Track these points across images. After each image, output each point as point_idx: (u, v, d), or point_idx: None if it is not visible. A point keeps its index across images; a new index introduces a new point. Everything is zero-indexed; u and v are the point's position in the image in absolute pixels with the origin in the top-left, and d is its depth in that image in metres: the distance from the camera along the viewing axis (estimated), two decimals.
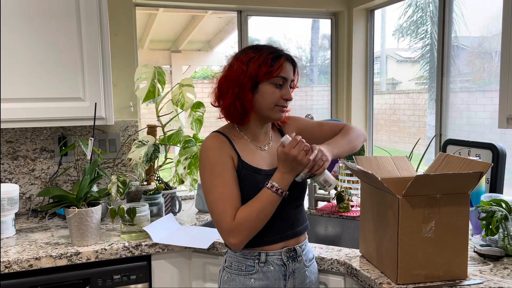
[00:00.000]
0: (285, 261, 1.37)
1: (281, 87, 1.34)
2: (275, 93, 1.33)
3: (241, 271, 1.36)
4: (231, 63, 1.38)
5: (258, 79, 1.32)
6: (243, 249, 1.36)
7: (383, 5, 2.78)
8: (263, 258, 1.35)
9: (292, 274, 1.38)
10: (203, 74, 6.17)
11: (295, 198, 1.40)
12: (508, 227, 1.47)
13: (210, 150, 1.34)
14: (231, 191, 1.29)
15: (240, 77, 1.32)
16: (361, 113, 2.95)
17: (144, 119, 2.66)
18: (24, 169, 2.17)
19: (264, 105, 1.34)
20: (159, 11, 3.75)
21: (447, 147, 2.10)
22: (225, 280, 1.39)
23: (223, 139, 1.36)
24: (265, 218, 1.29)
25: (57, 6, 1.86)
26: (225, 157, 1.32)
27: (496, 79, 2.14)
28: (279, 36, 3.17)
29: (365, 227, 1.50)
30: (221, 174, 1.30)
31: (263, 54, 1.33)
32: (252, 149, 1.39)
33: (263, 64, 1.31)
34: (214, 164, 1.32)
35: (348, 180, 2.22)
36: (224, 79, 1.36)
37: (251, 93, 1.33)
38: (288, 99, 1.36)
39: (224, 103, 1.36)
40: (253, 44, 1.41)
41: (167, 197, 2.05)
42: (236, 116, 1.36)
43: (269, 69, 1.31)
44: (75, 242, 1.68)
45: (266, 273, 1.35)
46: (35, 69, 1.85)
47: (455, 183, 1.25)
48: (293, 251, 1.39)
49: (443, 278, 1.29)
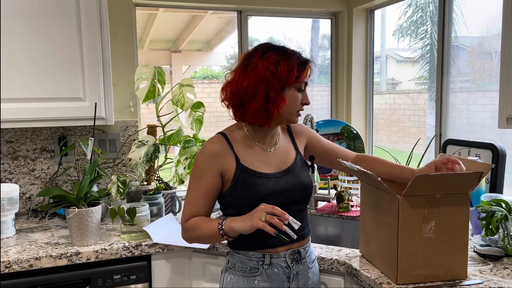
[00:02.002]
0: (289, 263, 1.37)
1: (302, 92, 1.36)
2: (298, 98, 1.35)
3: (245, 272, 1.36)
4: (253, 63, 1.30)
5: (288, 83, 1.29)
6: (248, 251, 1.36)
7: (383, 5, 2.78)
8: (267, 260, 1.35)
9: (296, 276, 1.38)
10: (203, 74, 6.17)
11: (300, 202, 1.40)
12: (508, 227, 1.47)
13: (203, 155, 1.35)
14: (197, 197, 1.34)
15: (269, 79, 1.27)
16: (361, 113, 2.95)
17: (144, 119, 2.66)
18: (24, 169, 2.17)
19: (289, 109, 1.34)
20: (159, 11, 3.75)
21: (447, 147, 2.10)
22: (228, 281, 1.38)
23: (223, 145, 1.35)
24: (206, 242, 1.39)
25: (57, 7, 1.86)
26: (212, 167, 1.33)
27: (496, 79, 2.14)
28: (279, 36, 3.17)
29: (365, 227, 1.50)
30: (199, 180, 1.34)
31: (290, 57, 1.30)
32: (257, 151, 1.38)
33: (293, 69, 1.29)
34: (198, 169, 1.35)
35: (348, 180, 2.22)
36: (251, 80, 1.28)
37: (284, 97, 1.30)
38: (307, 104, 1.38)
39: (253, 107, 1.29)
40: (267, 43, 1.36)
41: (167, 197, 2.05)
42: (264, 119, 1.31)
43: (299, 73, 1.30)
44: (75, 242, 1.68)
45: (270, 275, 1.35)
46: (35, 69, 1.85)
47: (455, 183, 1.25)
48: (298, 253, 1.39)
49: (443, 278, 1.29)
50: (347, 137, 2.54)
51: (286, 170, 1.39)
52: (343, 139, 2.55)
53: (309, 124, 2.16)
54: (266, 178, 1.34)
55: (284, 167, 1.39)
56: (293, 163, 1.41)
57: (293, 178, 1.38)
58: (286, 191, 1.35)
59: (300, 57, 1.33)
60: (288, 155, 1.43)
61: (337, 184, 2.25)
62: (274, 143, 1.43)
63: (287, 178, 1.37)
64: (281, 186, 1.35)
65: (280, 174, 1.37)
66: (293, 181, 1.37)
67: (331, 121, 2.67)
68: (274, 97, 1.28)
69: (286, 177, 1.37)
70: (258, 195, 1.31)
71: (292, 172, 1.39)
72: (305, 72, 1.32)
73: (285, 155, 1.42)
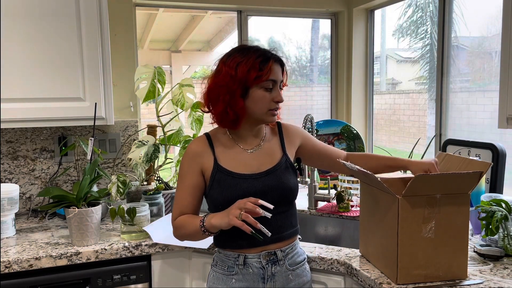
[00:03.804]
0: (264, 264, 1.37)
1: (271, 90, 1.34)
2: (266, 97, 1.33)
3: (224, 271, 1.40)
4: (219, 68, 1.35)
5: (248, 84, 1.31)
6: (225, 250, 1.40)
7: (383, 5, 2.78)
8: (241, 261, 1.37)
9: (272, 277, 1.38)
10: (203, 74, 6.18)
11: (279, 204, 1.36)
12: (508, 227, 1.47)
13: (185, 156, 1.41)
14: (183, 196, 1.39)
15: (229, 84, 1.31)
16: (361, 113, 2.95)
17: (144, 119, 2.67)
18: (24, 169, 2.17)
19: (257, 110, 1.35)
20: (159, 11, 3.76)
21: (447, 147, 2.09)
22: (211, 278, 1.44)
23: (203, 145, 1.40)
24: (194, 239, 1.37)
25: (57, 7, 1.86)
26: (193, 166, 1.38)
27: (496, 79, 2.14)
28: (279, 36, 3.17)
29: (365, 227, 1.50)
30: (183, 179, 1.39)
31: (250, 57, 1.31)
32: (237, 152, 1.39)
33: (252, 69, 1.29)
34: (182, 169, 1.41)
35: (348, 180, 2.22)
36: (214, 86, 1.34)
37: (242, 100, 1.32)
38: (279, 101, 1.36)
39: (216, 111, 1.36)
40: (240, 45, 1.40)
41: (167, 197, 2.05)
42: (228, 123, 1.36)
43: (258, 73, 1.30)
44: (75, 242, 1.68)
45: (245, 275, 1.37)
46: (35, 69, 1.85)
47: (455, 183, 1.25)
48: (274, 254, 1.38)
49: (443, 278, 1.29)
50: (347, 137, 2.54)
51: (266, 172, 1.37)
52: (343, 139, 2.55)
53: (309, 124, 2.16)
54: (242, 179, 1.34)
55: (265, 168, 1.38)
56: (275, 165, 1.40)
57: (272, 180, 1.36)
58: (263, 193, 1.34)
59: (263, 56, 1.32)
60: (271, 156, 1.42)
61: (337, 184, 2.24)
62: (257, 144, 1.42)
63: (266, 180, 1.36)
64: (257, 188, 1.34)
65: (260, 175, 1.36)
66: (272, 183, 1.36)
67: (331, 121, 2.67)
68: (230, 101, 1.31)
69: (265, 178, 1.36)
70: (232, 195, 1.32)
71: (273, 173, 1.38)
72: (266, 71, 1.30)
73: (267, 156, 1.41)
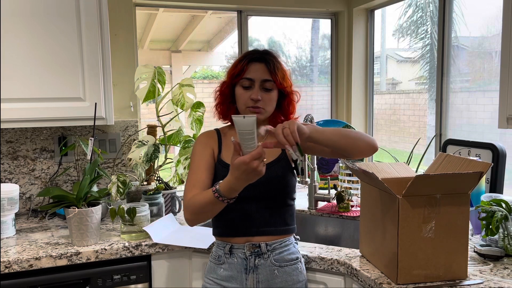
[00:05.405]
0: (248, 255, 1.41)
1: (249, 88, 1.42)
2: (243, 94, 1.43)
3: (215, 260, 1.46)
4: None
5: (232, 81, 1.45)
6: (218, 240, 1.48)
7: (383, 5, 2.78)
8: (227, 249, 1.43)
9: (254, 269, 1.41)
10: (203, 74, 6.18)
11: (266, 199, 1.41)
12: (508, 227, 1.47)
13: (197, 142, 1.51)
14: (198, 177, 1.42)
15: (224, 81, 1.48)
16: (361, 113, 2.95)
17: (144, 119, 2.66)
18: (24, 169, 2.17)
19: (239, 106, 1.45)
20: (159, 11, 3.75)
21: (447, 147, 2.10)
22: (206, 268, 1.51)
23: (213, 135, 1.52)
24: (210, 212, 1.35)
25: (57, 6, 1.86)
26: (206, 149, 1.47)
27: (496, 79, 2.14)
28: (279, 36, 3.17)
29: (365, 227, 1.50)
30: (197, 162, 1.45)
31: (237, 59, 1.45)
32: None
33: (234, 67, 1.44)
34: (195, 154, 1.48)
35: (348, 180, 2.22)
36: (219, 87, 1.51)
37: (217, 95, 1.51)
38: (253, 99, 1.41)
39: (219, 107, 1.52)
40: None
41: (167, 197, 2.05)
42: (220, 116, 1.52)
43: (236, 72, 1.43)
44: (75, 242, 1.68)
45: (230, 264, 1.43)
46: (35, 69, 1.85)
47: (455, 183, 1.25)
48: (258, 247, 1.42)
49: (443, 278, 1.29)
50: None
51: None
52: None
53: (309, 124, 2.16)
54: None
55: None
56: (272, 161, 1.45)
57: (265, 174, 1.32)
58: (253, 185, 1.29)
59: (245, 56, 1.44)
60: (270, 152, 1.44)
61: (337, 184, 2.24)
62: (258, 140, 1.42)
63: None
64: None
65: None
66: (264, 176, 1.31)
67: (331, 121, 2.67)
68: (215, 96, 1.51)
69: None
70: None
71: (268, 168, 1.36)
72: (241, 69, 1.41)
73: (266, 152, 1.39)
